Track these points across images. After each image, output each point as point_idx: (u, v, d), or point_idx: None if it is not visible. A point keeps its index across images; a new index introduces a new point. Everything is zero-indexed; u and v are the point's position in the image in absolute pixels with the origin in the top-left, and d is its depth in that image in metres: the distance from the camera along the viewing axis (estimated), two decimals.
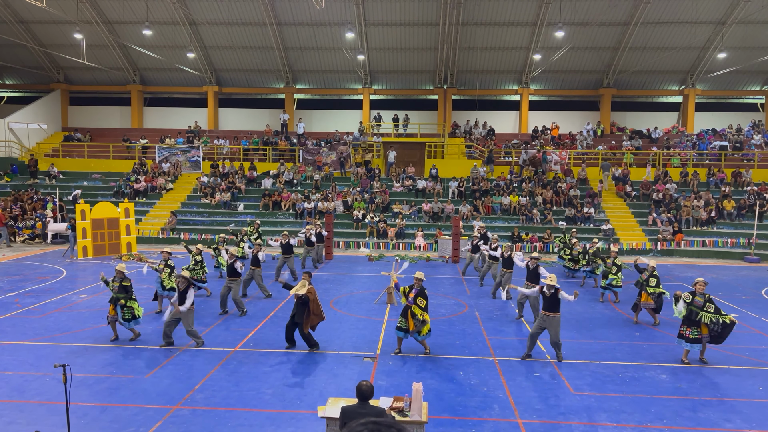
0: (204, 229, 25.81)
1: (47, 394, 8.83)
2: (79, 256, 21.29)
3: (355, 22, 29.92)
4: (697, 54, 31.97)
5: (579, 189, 27.95)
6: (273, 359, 10.59)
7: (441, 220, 26.36)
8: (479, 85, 34.06)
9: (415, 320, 10.71)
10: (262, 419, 8.14)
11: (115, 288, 11.47)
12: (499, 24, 30.31)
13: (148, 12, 29.48)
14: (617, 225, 25.80)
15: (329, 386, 9.32)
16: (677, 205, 26.59)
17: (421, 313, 10.70)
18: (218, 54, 33.38)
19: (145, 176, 29.67)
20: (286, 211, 27.27)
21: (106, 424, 7.92)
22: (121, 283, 11.51)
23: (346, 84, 34.78)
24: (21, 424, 7.84)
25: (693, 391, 9.40)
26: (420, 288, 10.90)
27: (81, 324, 12.67)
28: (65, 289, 16.12)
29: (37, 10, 28.84)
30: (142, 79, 35.34)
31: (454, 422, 8.14)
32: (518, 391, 9.23)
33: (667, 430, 8.00)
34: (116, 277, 11.60)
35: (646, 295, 13.29)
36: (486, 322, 13.36)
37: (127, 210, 22.86)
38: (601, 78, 33.60)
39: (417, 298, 10.80)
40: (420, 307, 10.74)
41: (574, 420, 8.25)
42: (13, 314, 13.40)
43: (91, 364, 10.13)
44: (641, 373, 10.16)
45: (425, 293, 10.92)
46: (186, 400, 8.73)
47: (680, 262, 22.84)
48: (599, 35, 30.92)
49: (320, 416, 6.81)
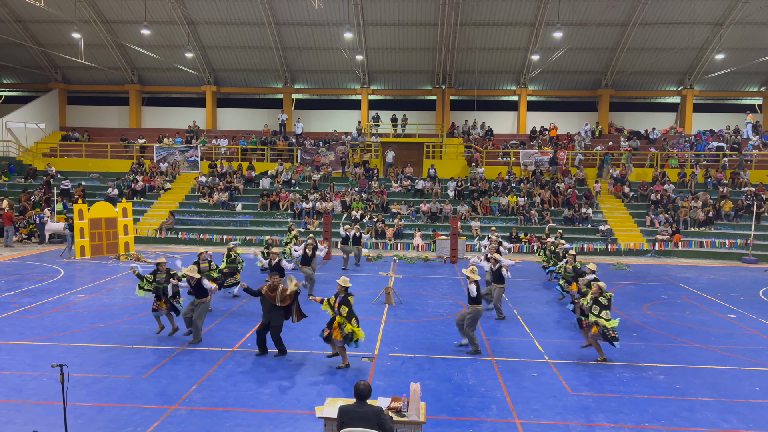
0: (202, 229, 25.79)
1: (45, 394, 8.81)
2: (76, 255, 21.26)
3: (354, 22, 29.92)
4: (695, 55, 32.02)
5: (577, 189, 27.99)
6: (271, 359, 10.58)
7: (439, 221, 26.37)
8: (477, 86, 34.07)
9: (341, 330, 9.97)
10: (260, 419, 8.14)
11: (162, 280, 11.71)
12: (498, 24, 30.33)
13: (146, 11, 29.44)
14: (615, 225, 25.84)
15: (327, 386, 9.32)
16: (675, 205, 26.64)
17: (344, 321, 9.95)
18: (216, 54, 33.36)
19: (143, 176, 29.63)
20: (284, 211, 27.26)
21: (103, 424, 7.90)
22: (168, 274, 11.78)
23: (344, 84, 34.78)
24: (18, 423, 7.82)
25: (690, 391, 9.41)
26: (343, 296, 10.11)
27: (78, 324, 12.65)
28: (63, 288, 16.09)
29: (35, 10, 28.78)
30: (141, 79, 35.30)
31: (452, 422, 8.14)
32: (516, 392, 9.23)
33: (665, 431, 8.01)
34: (159, 269, 11.83)
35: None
36: (484, 322, 13.35)
37: (125, 210, 22.83)
38: (600, 78, 33.65)
39: (340, 306, 10.05)
40: (342, 315, 9.99)
41: (572, 420, 8.26)
42: (11, 314, 13.37)
43: (89, 364, 10.11)
44: (639, 373, 10.17)
45: (348, 301, 10.10)
46: (184, 400, 8.72)
47: (678, 262, 22.87)
48: (597, 36, 30.96)
49: (318, 416, 6.80)
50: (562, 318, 13.93)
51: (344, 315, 9.99)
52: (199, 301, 11.37)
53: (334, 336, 10.04)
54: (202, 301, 11.38)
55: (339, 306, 10.05)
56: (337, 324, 10.03)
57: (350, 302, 10.14)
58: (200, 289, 11.35)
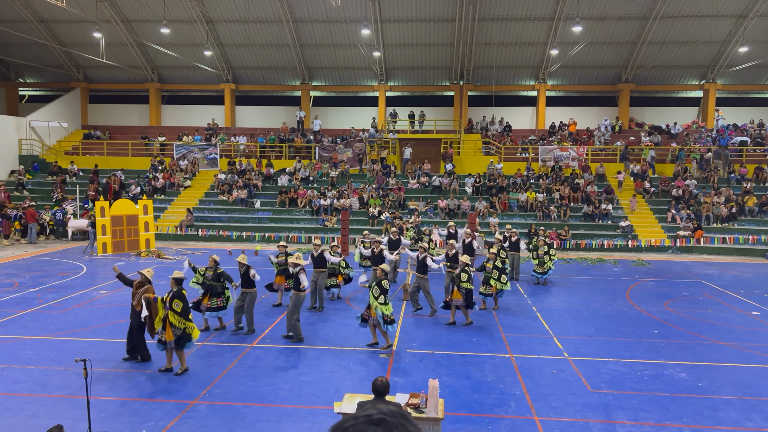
0: (221, 225, 26.01)
1: (69, 388, 8.97)
2: (98, 252, 21.57)
3: (371, 19, 29.89)
4: (717, 48, 31.46)
5: (597, 185, 27.71)
6: (289, 355, 10.65)
7: (457, 217, 26.27)
8: (496, 81, 33.84)
9: (173, 329, 9.45)
10: (279, 415, 8.19)
11: (209, 276, 11.98)
12: (516, 19, 30.10)
13: (165, 10, 29.71)
14: (635, 222, 25.54)
15: (345, 382, 9.36)
16: (697, 201, 26.24)
17: (179, 319, 9.43)
18: (235, 52, 33.56)
19: (163, 173, 29.96)
20: (302, 208, 27.38)
21: (126, 419, 8.02)
22: (216, 272, 12.01)
23: (361, 81, 34.78)
24: (43, 417, 7.97)
25: (713, 389, 9.28)
26: (177, 290, 9.60)
27: (101, 320, 12.84)
28: (86, 285, 16.34)
29: (58, 10, 29.18)
30: (160, 77, 35.65)
31: (470, 419, 8.12)
32: (535, 389, 9.18)
33: (687, 429, 7.91)
34: (210, 266, 12.12)
35: (456, 291, 12.53)
36: (502, 318, 13.30)
37: (145, 207, 23.11)
38: (620, 73, 33.22)
39: (173, 301, 9.46)
40: (176, 312, 9.42)
41: (592, 418, 8.20)
42: (36, 309, 13.62)
43: (111, 359, 10.26)
44: (660, 371, 10.06)
45: (182, 295, 9.60)
46: (204, 396, 8.81)
47: (700, 259, 22.54)
48: (618, 30, 30.56)
49: (337, 412, 6.84)
50: (581, 315, 13.82)
51: (178, 311, 9.46)
52: (246, 291, 11.87)
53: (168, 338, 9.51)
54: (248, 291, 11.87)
55: (171, 301, 9.50)
56: (168, 323, 9.53)
57: (184, 297, 9.63)
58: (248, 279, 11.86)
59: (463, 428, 7.86)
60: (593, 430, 7.89)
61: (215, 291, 12.00)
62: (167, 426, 7.81)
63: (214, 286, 11.98)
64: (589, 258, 22.03)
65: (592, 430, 7.87)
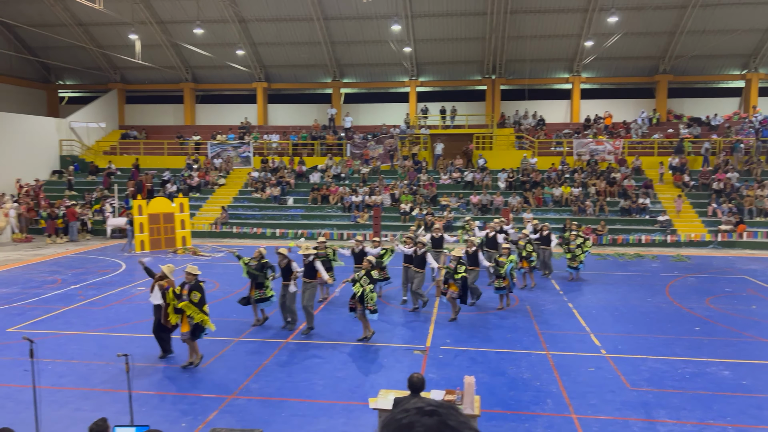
0: (255, 223, 26.31)
1: (111, 383, 9.19)
2: (137, 249, 22.05)
3: (402, 14, 29.78)
4: (760, 36, 30.40)
5: (634, 179, 27.12)
6: (324, 350, 10.71)
7: (490, 213, 26.04)
8: (529, 75, 33.38)
9: (189, 320, 9.66)
10: (315, 410, 8.25)
11: (253, 265, 12.18)
12: (549, 11, 29.60)
13: (199, 11, 30.12)
14: (674, 215, 24.91)
15: (380, 378, 9.36)
16: (739, 194, 25.46)
17: (194, 310, 9.61)
18: (267, 50, 33.86)
19: (198, 172, 30.45)
20: (334, 205, 27.51)
21: (166, 412, 8.18)
22: (260, 262, 12.24)
23: (392, 77, 34.72)
24: (86, 410, 8.18)
25: (758, 388, 9.00)
26: (194, 282, 9.81)
27: (140, 315, 13.11)
28: (125, 281, 16.72)
29: (95, 13, 29.84)
30: (195, 77, 36.21)
31: (506, 416, 8.05)
32: (572, 386, 9.04)
33: (731, 428, 7.69)
34: (255, 257, 12.35)
35: (453, 284, 12.52)
36: (538, 315, 13.14)
37: (181, 205, 23.53)
38: (657, 64, 32.41)
39: (191, 293, 9.67)
40: (193, 302, 9.59)
41: (631, 416, 8.03)
42: (78, 305, 14.00)
43: (151, 354, 10.48)
44: (702, 369, 9.80)
45: (200, 287, 9.83)
46: (241, 390, 8.93)
47: (742, 254, 21.87)
48: (654, 19, 29.79)
49: (372, 408, 6.84)
50: (618, 312, 13.55)
51: (195, 302, 9.65)
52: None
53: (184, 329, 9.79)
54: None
55: (190, 293, 9.70)
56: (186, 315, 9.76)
57: (202, 288, 9.84)
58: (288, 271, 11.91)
59: (499, 425, 7.79)
60: (633, 428, 7.74)
61: (258, 281, 12.19)
62: (206, 420, 7.94)
63: (256, 275, 12.16)
64: (626, 253, 21.57)
65: (632, 429, 7.72)
